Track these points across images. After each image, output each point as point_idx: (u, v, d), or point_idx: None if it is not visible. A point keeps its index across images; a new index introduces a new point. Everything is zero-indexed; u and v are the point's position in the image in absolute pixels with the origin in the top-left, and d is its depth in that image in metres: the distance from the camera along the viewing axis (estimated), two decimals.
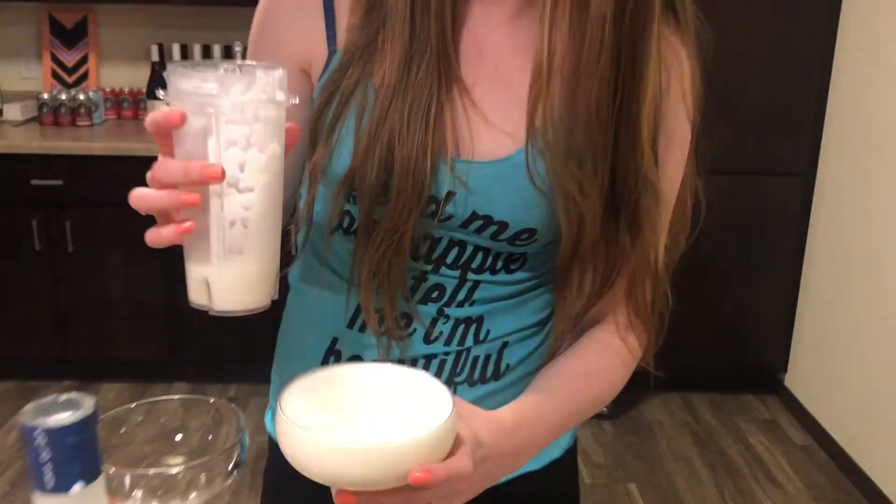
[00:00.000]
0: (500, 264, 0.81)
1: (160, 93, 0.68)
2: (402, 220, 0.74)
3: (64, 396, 0.45)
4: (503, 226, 0.77)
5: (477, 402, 0.81)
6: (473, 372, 0.84)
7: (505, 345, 0.84)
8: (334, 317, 0.84)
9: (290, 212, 0.84)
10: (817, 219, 3.15)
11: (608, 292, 0.80)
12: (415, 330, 0.82)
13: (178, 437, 0.70)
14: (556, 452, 0.92)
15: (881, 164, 2.70)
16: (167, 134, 0.63)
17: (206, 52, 3.09)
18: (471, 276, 0.81)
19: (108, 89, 3.18)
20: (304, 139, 0.78)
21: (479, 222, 0.77)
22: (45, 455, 0.44)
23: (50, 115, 3.05)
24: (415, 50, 0.74)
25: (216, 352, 2.98)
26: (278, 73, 0.63)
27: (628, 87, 0.72)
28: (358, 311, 0.82)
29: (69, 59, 3.23)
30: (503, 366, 0.85)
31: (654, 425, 3.13)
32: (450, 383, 0.83)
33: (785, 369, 3.34)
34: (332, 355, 0.85)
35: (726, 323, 3.31)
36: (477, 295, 0.82)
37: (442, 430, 0.58)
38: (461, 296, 0.82)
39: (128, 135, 3.00)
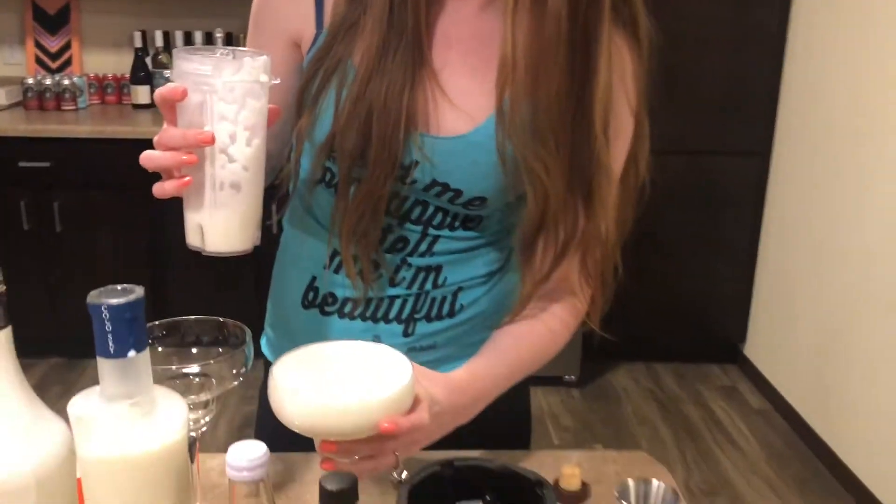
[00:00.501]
0: (457, 223, 0.94)
1: (167, 72, 0.81)
2: (379, 184, 0.87)
3: (119, 286, 0.58)
4: (458, 192, 0.90)
5: (434, 334, 0.97)
6: (431, 310, 0.97)
7: (459, 289, 0.98)
8: (314, 259, 0.97)
9: (280, 166, 0.97)
10: (772, 196, 3.31)
11: (564, 261, 0.92)
12: (381, 275, 0.95)
13: (194, 350, 0.83)
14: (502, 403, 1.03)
15: (833, 144, 2.86)
16: (171, 106, 0.77)
17: (188, 39, 3.19)
18: (431, 231, 0.94)
19: (91, 75, 3.27)
20: (293, 105, 0.91)
21: (439, 188, 0.90)
22: (108, 326, 0.57)
23: (35, 100, 3.14)
24: (392, 36, 0.86)
25: None
26: (263, 59, 0.77)
27: (583, 78, 0.84)
28: (334, 255, 0.95)
29: (52, 45, 3.32)
30: (457, 306, 0.98)
31: (620, 393, 3.29)
32: (410, 319, 0.96)
33: (744, 339, 3.51)
34: (311, 291, 0.98)
35: (688, 296, 3.47)
36: (436, 248, 0.95)
37: (403, 390, 0.72)
38: (422, 248, 0.95)
39: (112, 119, 3.10)
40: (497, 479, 0.63)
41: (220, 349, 0.83)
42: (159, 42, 3.17)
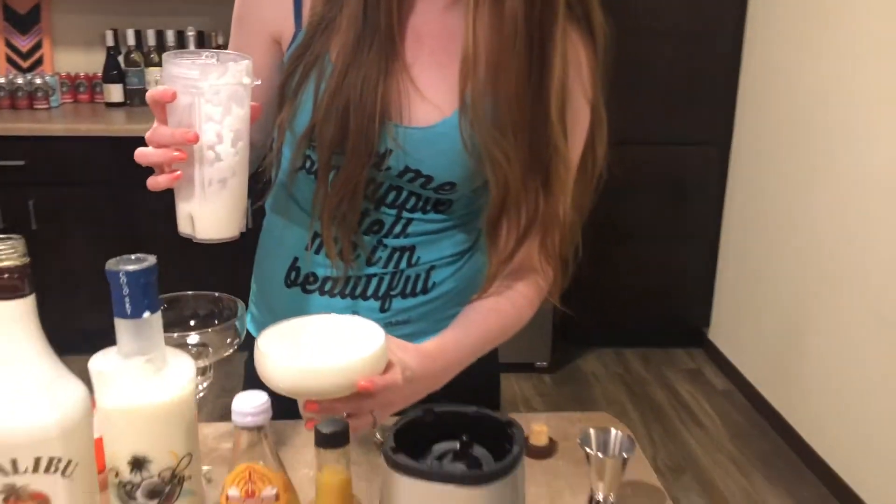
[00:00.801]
0: (429, 207, 1.01)
1: (156, 72, 0.88)
2: (357, 171, 0.95)
3: (133, 256, 0.65)
4: (429, 178, 0.97)
5: (409, 310, 1.05)
6: (405, 287, 1.05)
7: (432, 268, 1.05)
8: (296, 241, 1.04)
9: (263, 155, 1.04)
10: (733, 184, 3.43)
11: (526, 242, 1.00)
12: (359, 255, 1.02)
13: (192, 322, 0.90)
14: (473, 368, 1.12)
15: (790, 134, 2.98)
16: (162, 107, 0.83)
17: (160, 37, 3.22)
18: (405, 214, 1.01)
19: (63, 74, 3.30)
20: (274, 99, 0.98)
21: (411, 174, 0.97)
22: (126, 290, 0.64)
23: (7, 99, 3.16)
24: (366, 33, 0.93)
25: None
26: (246, 63, 0.84)
27: (539, 73, 0.91)
28: (315, 237, 1.02)
29: (23, 44, 3.33)
30: (430, 284, 1.06)
31: (589, 377, 3.39)
32: (386, 296, 1.04)
33: (708, 324, 3.63)
34: (294, 271, 1.05)
35: (655, 283, 3.58)
36: (410, 229, 1.02)
37: (378, 352, 0.80)
38: (397, 229, 1.02)
39: (85, 117, 3.13)
40: (472, 423, 0.71)
41: (216, 321, 0.90)
42: (131, 41, 3.20)
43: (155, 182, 0.85)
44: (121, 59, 3.23)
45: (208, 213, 0.86)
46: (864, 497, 2.44)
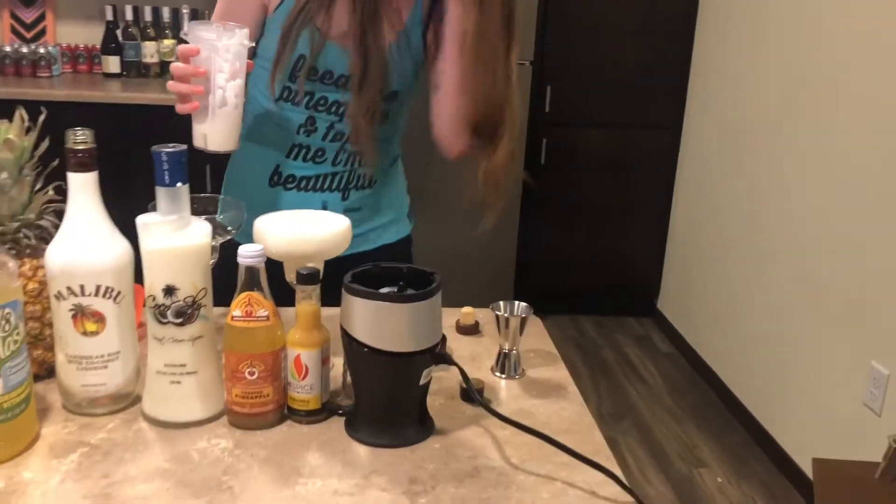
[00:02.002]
0: (378, 118, 1.34)
1: (184, 34, 1.21)
2: (373, 97, 1.31)
3: (170, 145, 0.93)
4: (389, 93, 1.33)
5: (360, 199, 1.41)
6: (358, 182, 1.40)
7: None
8: (276, 152, 1.38)
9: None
10: (682, 166, 3.73)
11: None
12: (326, 158, 1.37)
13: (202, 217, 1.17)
14: (391, 239, 1.48)
15: (737, 118, 3.28)
16: (187, 59, 1.17)
17: (156, 14, 3.47)
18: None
19: (64, 45, 3.54)
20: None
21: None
22: (166, 165, 0.92)
23: (12, 67, 3.39)
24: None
25: None
26: (245, 31, 1.17)
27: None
28: (292, 148, 1.36)
29: (27, 16, 3.57)
30: (374, 179, 1.42)
31: None
32: (346, 188, 1.39)
33: (657, 294, 3.95)
34: (276, 175, 1.38)
35: (609, 256, 3.88)
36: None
37: (344, 228, 1.10)
38: (353, 138, 1.35)
39: (84, 85, 3.37)
40: (406, 275, 1.00)
41: (220, 216, 1.18)
42: (129, 16, 3.45)
43: (182, 108, 1.20)
44: (119, 32, 3.48)
45: (216, 132, 1.21)
46: (780, 441, 2.75)
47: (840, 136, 2.49)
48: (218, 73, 1.15)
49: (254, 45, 1.19)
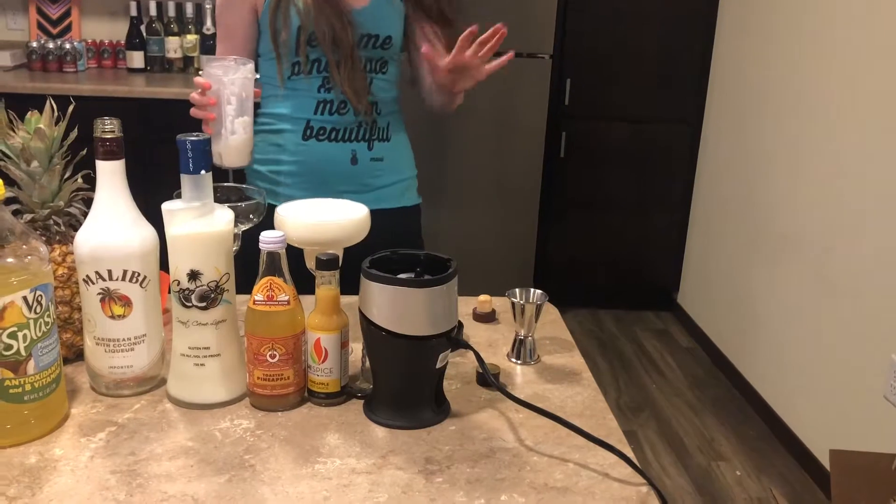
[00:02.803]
0: (379, 66, 1.53)
1: (201, 72, 1.39)
2: (348, 49, 1.46)
3: (193, 133, 0.96)
4: (376, 37, 1.49)
5: (382, 150, 1.56)
6: (379, 134, 1.56)
7: (389, 123, 1.57)
8: (305, 112, 1.52)
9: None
10: (703, 160, 3.73)
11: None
12: (349, 109, 1.51)
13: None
14: (408, 203, 1.64)
15: (755, 113, 3.28)
16: (202, 91, 1.32)
17: (180, 9, 3.52)
18: (369, 75, 1.51)
19: (89, 40, 3.59)
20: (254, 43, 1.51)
21: (365, 39, 1.48)
22: (189, 153, 0.94)
23: (39, 62, 3.45)
24: None
25: None
26: (250, 66, 1.31)
27: None
28: (317, 104, 1.50)
29: (54, 12, 3.63)
30: (389, 134, 1.58)
31: None
32: (370, 139, 1.54)
33: (677, 289, 3.94)
34: (308, 129, 1.52)
35: (628, 250, 3.88)
36: (373, 88, 1.53)
37: (363, 217, 1.13)
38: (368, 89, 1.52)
39: (109, 80, 3.43)
40: (423, 261, 1.02)
41: (243, 204, 1.20)
42: (153, 11, 3.50)
43: (204, 130, 1.34)
44: (143, 28, 3.53)
45: (229, 152, 1.35)
46: (800, 435, 2.75)
47: (862, 129, 2.48)
48: (227, 104, 1.31)
49: (258, 76, 1.38)
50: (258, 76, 1.38)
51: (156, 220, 1.00)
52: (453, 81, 1.43)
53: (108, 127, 0.95)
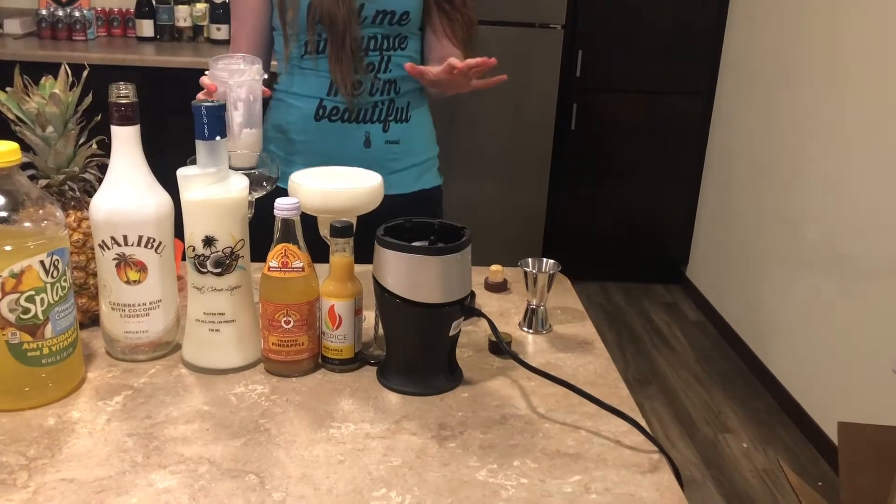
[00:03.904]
0: (397, 43, 1.47)
1: (207, 73, 1.31)
2: (353, 28, 1.41)
3: (207, 100, 0.95)
4: (392, 13, 1.43)
5: (399, 132, 1.51)
6: (397, 115, 1.50)
7: (409, 103, 1.52)
8: (317, 91, 1.47)
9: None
10: (714, 132, 3.70)
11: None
12: (364, 90, 1.46)
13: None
14: (427, 185, 1.59)
15: (767, 85, 3.25)
16: (209, 92, 1.28)
17: None
18: (385, 53, 1.46)
19: (98, 9, 3.57)
20: (267, 27, 1.47)
21: (381, 15, 1.42)
22: (204, 119, 0.94)
23: (48, 30, 3.44)
24: None
25: None
26: (257, 66, 1.27)
27: None
28: (330, 85, 1.46)
29: None
30: (409, 115, 1.52)
31: None
32: (386, 121, 1.49)
33: (686, 262, 3.94)
34: (321, 109, 1.48)
35: (638, 224, 3.87)
36: (391, 65, 1.47)
37: (377, 186, 1.12)
38: (383, 66, 1.47)
39: (119, 49, 3.41)
40: (437, 229, 1.02)
41: (256, 171, 1.21)
42: None
43: None
44: None
45: (235, 156, 1.28)
46: (806, 408, 2.76)
47: (877, 101, 2.46)
48: (233, 109, 1.27)
49: (266, 76, 1.34)
50: (265, 76, 1.34)
51: (167, 187, 1.00)
52: (440, 88, 1.45)
53: (123, 92, 0.95)
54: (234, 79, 1.26)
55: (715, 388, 3.08)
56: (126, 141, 0.97)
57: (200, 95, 1.27)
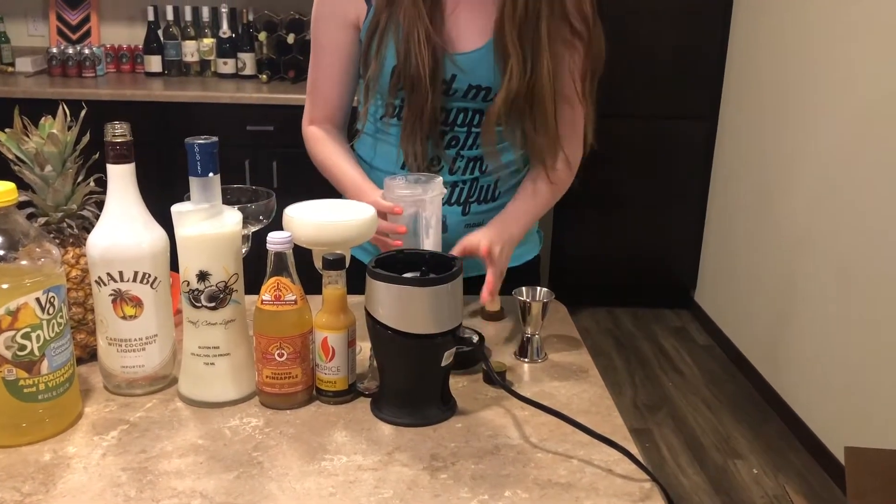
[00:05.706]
0: None
1: (385, 193, 1.22)
2: (434, 99, 1.26)
3: (201, 137, 0.97)
4: (488, 89, 1.28)
5: (482, 213, 1.36)
6: (480, 195, 1.37)
7: (499, 179, 1.37)
8: (387, 164, 1.36)
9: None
10: (719, 156, 3.71)
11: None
12: (443, 166, 1.34)
13: (236, 206, 1.22)
14: (529, 257, 1.49)
15: (771, 109, 3.26)
16: (384, 215, 1.19)
17: (196, 13, 3.55)
18: (473, 129, 1.32)
19: (108, 45, 3.64)
20: (357, 69, 1.34)
21: (474, 91, 1.29)
22: (198, 157, 0.96)
23: (59, 67, 3.50)
24: None
25: None
26: (439, 179, 1.20)
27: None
28: (402, 157, 1.33)
29: (73, 18, 3.68)
30: (497, 193, 1.38)
31: (580, 332, 3.68)
32: (466, 202, 1.35)
33: (695, 286, 3.92)
34: None
35: (645, 248, 3.87)
36: (478, 142, 1.32)
37: (370, 217, 1.11)
38: (469, 142, 1.33)
39: (128, 84, 3.47)
40: (428, 261, 1.03)
41: (252, 205, 1.22)
42: (170, 16, 3.54)
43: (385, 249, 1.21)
44: (160, 32, 3.57)
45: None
46: (817, 433, 2.73)
47: (877, 125, 2.46)
48: (424, 237, 1.20)
49: (447, 190, 1.26)
50: (445, 191, 1.23)
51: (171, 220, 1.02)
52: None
53: (118, 131, 0.97)
54: (428, 194, 1.18)
55: (724, 413, 3.06)
56: (121, 179, 0.99)
57: (383, 224, 1.18)
